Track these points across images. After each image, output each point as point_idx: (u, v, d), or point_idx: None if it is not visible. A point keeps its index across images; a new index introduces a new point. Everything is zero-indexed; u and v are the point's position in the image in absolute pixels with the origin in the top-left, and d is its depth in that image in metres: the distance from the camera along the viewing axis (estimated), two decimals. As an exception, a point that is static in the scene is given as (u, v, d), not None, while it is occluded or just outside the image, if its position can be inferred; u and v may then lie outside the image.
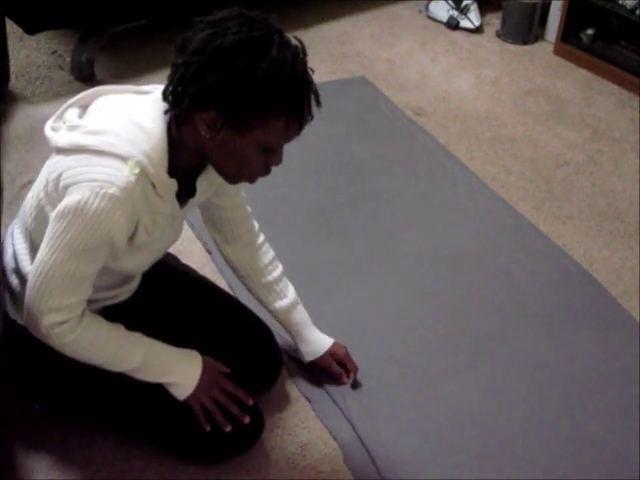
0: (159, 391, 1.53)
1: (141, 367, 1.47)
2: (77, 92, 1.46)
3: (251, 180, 1.42)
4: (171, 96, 1.31)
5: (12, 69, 2.82)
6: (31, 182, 2.36)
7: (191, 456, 1.61)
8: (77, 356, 1.42)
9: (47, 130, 1.39)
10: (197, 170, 1.47)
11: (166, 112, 1.34)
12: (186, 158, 1.38)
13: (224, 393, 1.57)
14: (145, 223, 1.36)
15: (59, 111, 1.43)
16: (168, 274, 1.69)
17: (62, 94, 2.78)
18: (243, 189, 1.67)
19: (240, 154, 1.33)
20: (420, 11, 3.62)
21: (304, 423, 1.74)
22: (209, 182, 1.51)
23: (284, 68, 1.25)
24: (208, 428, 1.54)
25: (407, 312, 2.05)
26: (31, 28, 2.69)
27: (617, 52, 3.20)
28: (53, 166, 1.34)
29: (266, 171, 1.39)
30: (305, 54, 1.31)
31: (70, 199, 1.28)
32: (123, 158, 1.29)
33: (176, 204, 1.43)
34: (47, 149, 1.36)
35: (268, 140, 1.31)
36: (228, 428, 1.55)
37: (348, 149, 2.65)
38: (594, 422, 1.79)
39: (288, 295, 1.76)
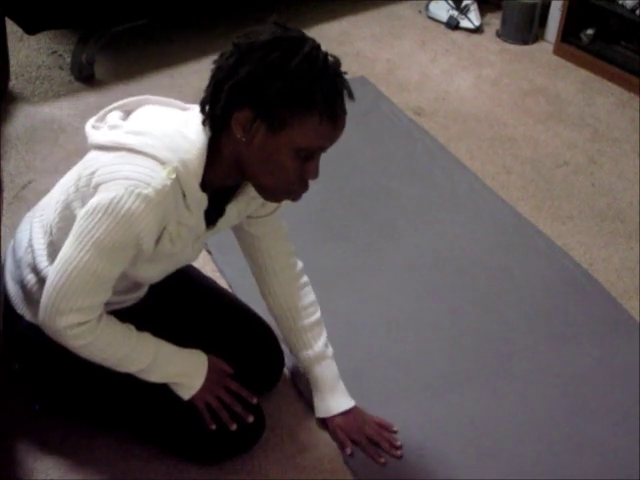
0: (161, 390, 1.53)
1: (150, 368, 1.48)
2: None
3: (290, 194, 1.40)
4: (208, 103, 1.32)
5: (12, 69, 2.82)
6: (31, 182, 2.37)
7: (192, 456, 1.62)
8: (91, 357, 1.42)
9: (88, 127, 1.39)
10: (228, 195, 1.46)
11: (204, 122, 1.33)
12: (222, 175, 1.37)
13: (228, 392, 1.58)
14: (171, 231, 1.35)
15: (101, 112, 1.42)
16: (172, 274, 1.68)
17: (62, 94, 2.78)
18: (282, 220, 1.65)
19: (275, 159, 1.31)
20: (420, 11, 3.61)
21: (304, 423, 1.74)
22: (238, 210, 1.50)
23: (316, 63, 1.27)
24: (214, 427, 1.54)
25: (407, 312, 2.04)
26: (31, 28, 2.69)
27: (617, 52, 3.20)
28: (89, 162, 1.34)
29: (302, 184, 1.37)
30: (339, 63, 1.32)
31: (103, 196, 1.27)
32: (161, 161, 1.28)
33: (203, 222, 1.42)
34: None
35: (302, 140, 1.29)
36: (234, 427, 1.56)
37: (348, 149, 2.65)
38: (594, 422, 1.79)
39: (314, 346, 1.69)
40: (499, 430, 1.75)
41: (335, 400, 1.70)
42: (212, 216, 1.44)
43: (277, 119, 1.27)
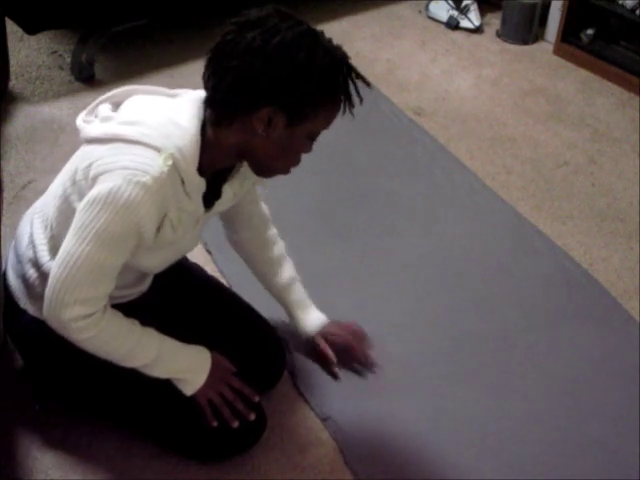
0: (163, 386, 1.53)
1: (154, 363, 1.48)
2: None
3: (286, 171, 1.45)
4: (222, 102, 1.32)
5: (12, 69, 2.82)
6: (31, 182, 2.37)
7: (193, 454, 1.62)
8: (96, 351, 1.42)
9: (79, 121, 1.40)
10: (222, 176, 1.48)
11: (211, 118, 1.35)
12: (217, 160, 1.39)
13: (231, 390, 1.58)
14: (172, 218, 1.36)
15: (90, 106, 1.43)
16: (175, 272, 1.69)
17: (62, 94, 2.77)
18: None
19: (290, 146, 1.37)
20: (420, 11, 3.61)
21: (304, 423, 1.74)
22: (234, 191, 1.52)
23: (336, 54, 1.32)
24: (215, 423, 1.54)
25: (407, 312, 2.04)
26: (31, 28, 2.69)
27: (617, 52, 3.20)
28: (84, 155, 1.35)
29: (299, 161, 1.43)
30: (341, 48, 1.37)
31: (102, 187, 1.28)
32: (157, 149, 1.29)
33: (201, 206, 1.43)
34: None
35: (317, 128, 1.36)
36: (235, 423, 1.56)
37: (348, 149, 2.65)
38: (594, 422, 1.79)
39: (284, 273, 1.76)
40: (499, 430, 1.75)
41: (313, 316, 1.79)
42: (209, 199, 1.46)
43: (301, 113, 1.32)
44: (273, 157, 1.39)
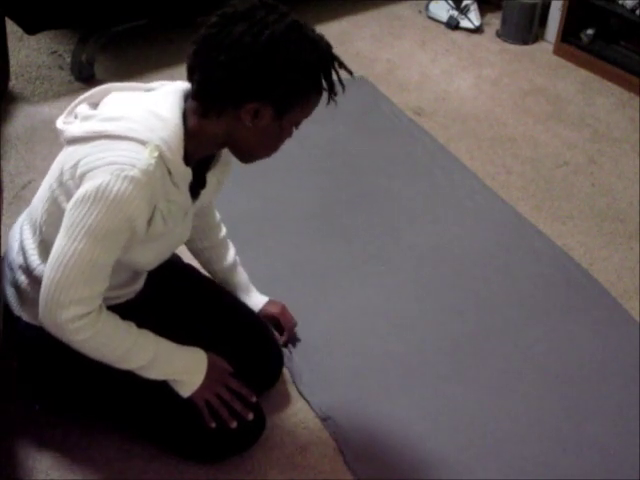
0: (161, 388, 1.53)
1: (150, 364, 1.48)
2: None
3: (267, 157, 1.47)
4: (210, 96, 1.33)
5: (12, 69, 2.82)
6: (31, 182, 2.37)
7: (192, 455, 1.62)
8: (92, 353, 1.42)
9: (59, 124, 1.40)
10: (205, 165, 1.49)
11: (197, 109, 1.36)
12: (201, 148, 1.40)
13: (228, 390, 1.58)
14: (162, 209, 1.36)
15: (69, 108, 1.44)
16: (170, 272, 1.69)
17: (62, 94, 2.78)
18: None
19: (276, 135, 1.40)
20: (420, 11, 3.61)
21: (304, 423, 1.74)
22: (217, 179, 1.53)
23: (321, 46, 1.33)
24: (213, 425, 1.54)
25: (407, 311, 2.05)
26: (31, 28, 2.69)
27: (617, 52, 3.20)
28: (68, 156, 1.34)
29: (279, 147, 1.46)
30: (324, 37, 1.39)
31: (90, 184, 1.28)
32: (142, 142, 1.29)
33: (189, 196, 1.44)
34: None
35: (303, 116, 1.39)
36: (234, 424, 1.56)
37: (348, 149, 2.65)
38: (594, 422, 1.79)
39: (227, 258, 1.79)
40: (499, 430, 1.75)
41: (256, 297, 1.84)
42: (195, 188, 1.46)
43: (288, 105, 1.34)
44: (258, 145, 1.41)
